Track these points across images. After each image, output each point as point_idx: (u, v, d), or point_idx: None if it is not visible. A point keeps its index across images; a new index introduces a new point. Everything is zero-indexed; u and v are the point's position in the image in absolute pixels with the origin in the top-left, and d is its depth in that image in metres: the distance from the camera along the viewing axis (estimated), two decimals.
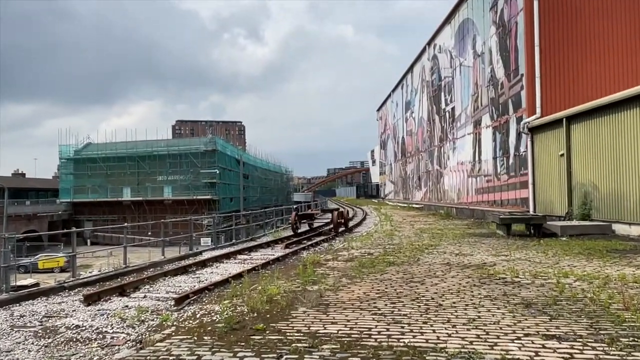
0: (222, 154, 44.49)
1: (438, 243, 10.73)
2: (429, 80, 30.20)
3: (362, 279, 6.58)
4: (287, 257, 9.95)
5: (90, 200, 44.11)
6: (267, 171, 62.52)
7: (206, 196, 41.78)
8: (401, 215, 23.83)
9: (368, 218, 23.56)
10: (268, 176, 61.59)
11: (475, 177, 21.14)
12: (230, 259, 10.40)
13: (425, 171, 31.44)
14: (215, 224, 16.01)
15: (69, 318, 5.70)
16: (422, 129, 32.16)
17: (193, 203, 42.27)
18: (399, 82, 40.50)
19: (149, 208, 43.56)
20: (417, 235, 12.83)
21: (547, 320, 4.47)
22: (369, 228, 17.00)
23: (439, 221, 18.55)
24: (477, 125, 20.88)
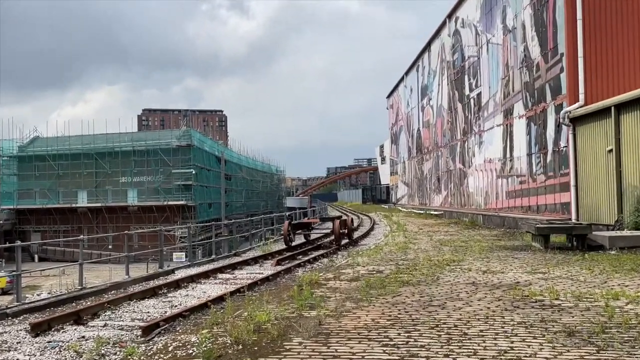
0: (199, 150, 44.56)
1: (462, 258, 10.76)
2: (449, 60, 30.33)
3: (370, 302, 6.59)
4: (279, 276, 9.96)
5: (38, 207, 43.72)
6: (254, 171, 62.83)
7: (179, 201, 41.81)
8: (417, 224, 23.89)
9: (377, 228, 23.58)
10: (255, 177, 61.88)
11: (505, 177, 21.23)
12: (209, 279, 10.40)
13: (445, 171, 31.57)
14: (191, 235, 16.00)
15: (13, 352, 5.59)
16: (442, 119, 32.30)
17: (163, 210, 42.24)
18: (414, 63, 40.59)
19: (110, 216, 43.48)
20: (436, 249, 12.86)
21: (594, 352, 4.44)
22: (377, 240, 17.03)
23: (463, 231, 18.62)
24: (508, 115, 20.98)
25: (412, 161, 42.29)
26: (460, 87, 27.96)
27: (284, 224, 15.99)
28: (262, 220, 20.86)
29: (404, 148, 46.14)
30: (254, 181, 61.96)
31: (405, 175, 45.43)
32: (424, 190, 37.66)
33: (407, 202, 44.20)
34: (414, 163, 41.52)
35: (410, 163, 43.13)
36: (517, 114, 19.97)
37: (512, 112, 20.48)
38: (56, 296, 8.87)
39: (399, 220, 25.41)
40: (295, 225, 16.37)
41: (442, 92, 32.11)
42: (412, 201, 41.95)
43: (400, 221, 24.75)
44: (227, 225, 34.80)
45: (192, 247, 15.43)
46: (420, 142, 39.10)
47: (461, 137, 27.87)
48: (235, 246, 17.76)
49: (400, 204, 46.39)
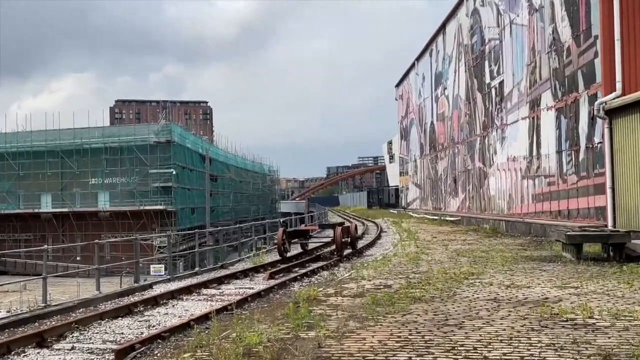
0: (181, 147, 44.62)
1: (482, 270, 10.77)
2: (467, 44, 30.42)
3: (376, 321, 6.61)
4: (272, 292, 9.98)
5: None
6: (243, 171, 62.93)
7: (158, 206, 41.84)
8: (430, 231, 23.93)
9: (384, 236, 23.63)
10: (245, 178, 61.99)
11: (532, 178, 21.27)
12: (192, 295, 10.41)
13: (463, 170, 31.65)
14: (171, 245, 16.01)
15: None
16: (459, 111, 32.37)
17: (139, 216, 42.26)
18: (427, 47, 40.70)
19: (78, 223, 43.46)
20: (452, 260, 12.88)
21: None
22: (385, 250, 17.07)
23: (483, 240, 18.65)
24: (534, 106, 21.03)
25: (424, 160, 42.35)
26: (479, 75, 28.01)
27: (277, 231, 16.01)
28: (252, 227, 20.90)
29: (415, 144, 46.20)
30: (244, 183, 62.01)
31: (417, 176, 45.51)
32: (439, 192, 37.71)
33: (418, 207, 44.24)
34: (426, 162, 41.57)
35: (422, 162, 43.19)
36: (544, 105, 20.02)
37: (539, 103, 20.53)
38: (16, 315, 8.86)
39: (409, 228, 25.44)
40: (290, 234, 16.39)
41: (458, 81, 32.16)
42: (425, 205, 41.99)
43: (411, 228, 24.78)
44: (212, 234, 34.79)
45: (172, 259, 15.45)
46: (433, 138, 39.17)
47: (481, 131, 27.91)
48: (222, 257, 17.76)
49: (411, 208, 46.44)
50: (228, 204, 54.68)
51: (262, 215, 64.04)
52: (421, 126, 43.36)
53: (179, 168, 43.35)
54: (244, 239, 21.79)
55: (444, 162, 36.09)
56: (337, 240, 14.93)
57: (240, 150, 64.67)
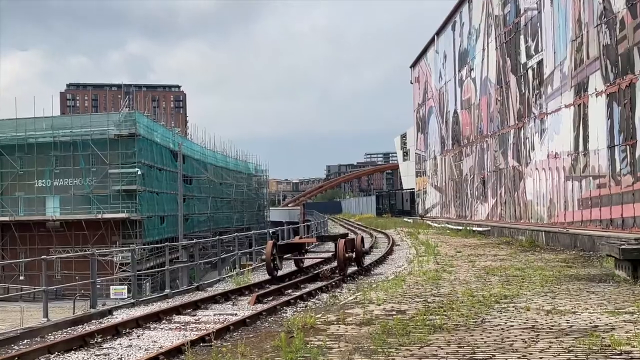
0: (147, 141, 44.72)
1: (516, 293, 10.79)
2: (498, 15, 30.53)
3: (387, 355, 6.61)
4: (260, 319, 10.00)
5: None
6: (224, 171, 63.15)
7: (120, 214, 41.86)
8: (453, 244, 23.98)
9: (397, 250, 23.67)
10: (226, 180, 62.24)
11: (578, 179, 21.34)
12: (161, 323, 10.42)
13: (493, 170, 31.79)
14: (136, 261, 16.01)
15: None
16: (488, 98, 32.50)
17: (97, 226, 42.29)
18: (449, 19, 40.90)
19: (22, 235, 43.44)
20: (480, 280, 12.91)
21: None
22: (398, 267, 17.13)
23: (518, 255, 18.71)
24: (580, 91, 21.10)
25: (446, 157, 42.46)
26: (513, 53, 28.08)
27: (266, 245, 16.02)
28: (235, 240, 20.92)
29: (434, 138, 46.35)
30: (225, 185, 62.10)
31: (437, 177, 45.63)
32: (463, 197, 37.82)
33: (439, 214, 44.31)
34: (449, 159, 41.68)
35: (443, 159, 43.30)
36: (593, 90, 20.07)
37: (586, 88, 20.58)
38: None
39: (428, 240, 25.47)
40: (282, 248, 16.42)
41: (488, 60, 32.25)
42: (447, 213, 42.07)
43: (431, 241, 24.82)
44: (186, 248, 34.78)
45: (137, 278, 15.42)
46: (457, 130, 39.29)
47: (515, 122, 27.99)
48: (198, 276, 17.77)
49: (430, 216, 46.53)
50: (205, 211, 54.75)
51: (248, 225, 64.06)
52: (442, 116, 43.44)
53: (145, 167, 43.37)
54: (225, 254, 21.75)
55: (470, 160, 36.16)
56: (339, 256, 14.95)
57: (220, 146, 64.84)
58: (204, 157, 57.49)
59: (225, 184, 62.03)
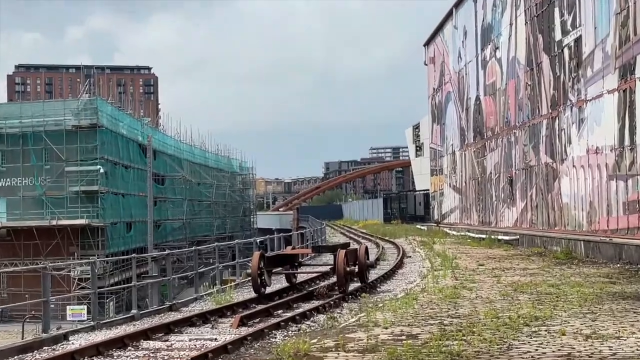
0: (111, 133, 44.72)
1: (549, 314, 10.79)
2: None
3: None
4: (244, 345, 10.00)
5: None
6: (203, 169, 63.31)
7: (78, 220, 41.82)
8: (475, 256, 24.01)
9: (408, 263, 23.69)
10: (205, 179, 62.36)
11: (623, 178, 21.37)
12: (126, 350, 10.41)
13: (523, 167, 31.86)
14: (97, 276, 15.99)
15: None
16: (517, 82, 32.58)
17: (51, 234, 42.23)
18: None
19: None
20: (506, 298, 12.92)
21: None
22: (409, 283, 17.18)
23: (552, 268, 18.74)
24: (626, 73, 21.14)
25: (467, 152, 42.52)
26: (546, 29, 28.09)
27: (252, 257, 16.01)
28: (216, 250, 20.92)
29: (453, 130, 46.45)
30: (203, 186, 62.16)
31: (456, 176, 45.70)
32: (487, 200, 37.91)
33: (458, 220, 44.36)
34: (469, 155, 41.73)
35: (464, 155, 43.36)
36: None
37: (633, 70, 20.61)
38: None
39: (445, 251, 25.49)
40: (271, 260, 16.43)
41: (516, 37, 32.28)
42: (468, 219, 42.11)
43: (448, 252, 24.83)
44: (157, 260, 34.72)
45: (98, 297, 15.40)
46: (480, 121, 39.35)
47: (548, 111, 28.01)
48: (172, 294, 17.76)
49: (448, 223, 46.61)
50: (180, 216, 54.79)
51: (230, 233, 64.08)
52: (462, 103, 43.50)
53: (109, 164, 43.38)
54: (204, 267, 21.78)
55: (495, 156, 36.21)
56: (339, 270, 14.95)
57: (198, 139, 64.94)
58: (179, 153, 57.54)
59: (204, 184, 62.07)
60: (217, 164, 68.27)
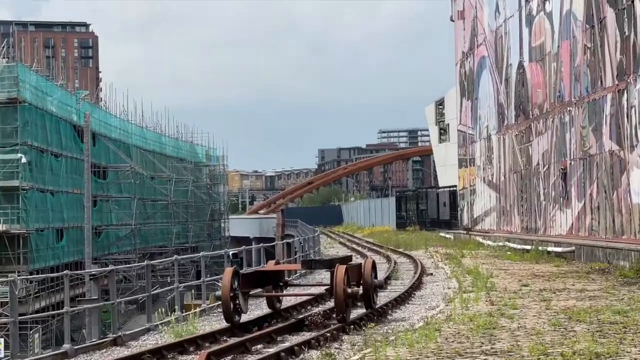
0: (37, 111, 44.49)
1: (615, 350, 10.77)
2: None
3: None
4: None
5: None
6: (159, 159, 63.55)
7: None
8: (517, 273, 23.96)
9: (428, 283, 23.73)
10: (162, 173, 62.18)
11: None
12: None
13: (580, 156, 32.01)
14: (17, 300, 15.89)
15: None
16: (572, 44, 32.66)
17: None
18: None
19: None
20: (557, 329, 12.91)
21: None
22: (429, 308, 17.20)
23: (617, 290, 18.71)
24: None
25: (506, 136, 42.53)
26: None
27: (223, 275, 15.95)
28: (175, 266, 20.86)
29: (489, 107, 46.52)
30: (159, 181, 62.05)
31: (492, 168, 45.74)
32: (533, 199, 37.99)
33: (495, 226, 44.35)
34: (510, 140, 41.74)
35: (502, 140, 43.37)
36: None
37: None
38: None
39: (477, 267, 25.49)
40: (248, 279, 16.38)
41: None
42: (508, 224, 42.12)
43: (482, 268, 24.83)
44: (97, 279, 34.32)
45: (19, 326, 15.31)
46: (524, 94, 39.41)
47: (614, 82, 28.05)
48: (117, 323, 17.66)
49: (482, 229, 46.66)
50: (129, 221, 54.62)
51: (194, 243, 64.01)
52: (500, 72, 43.53)
53: (33, 152, 43.23)
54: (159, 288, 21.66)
55: (543, 141, 36.29)
56: (337, 292, 14.90)
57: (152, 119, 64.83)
58: (127, 137, 57.45)
59: (159, 178, 61.99)
60: (177, 152, 68.21)
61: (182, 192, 65.59)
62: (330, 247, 52.65)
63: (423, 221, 70.21)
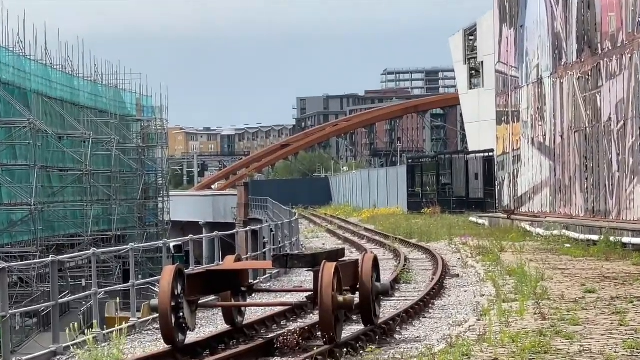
0: None
1: None
2: None
3: None
4: None
5: None
6: (68, 109, 63.50)
7: None
8: (578, 273, 24.21)
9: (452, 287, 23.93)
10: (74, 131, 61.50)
11: None
12: None
13: None
14: None
15: None
16: None
17: None
18: None
19: None
20: (635, 354, 12.89)
21: None
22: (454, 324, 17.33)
23: None
24: None
25: (565, 79, 42.53)
26: None
27: (162, 276, 15.90)
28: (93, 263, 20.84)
29: (540, 39, 46.77)
30: (70, 142, 61.75)
31: (545, 124, 45.81)
32: (602, 169, 38.28)
33: (548, 208, 44.48)
34: (570, 85, 41.76)
35: (559, 85, 43.36)
36: None
37: None
38: None
39: (523, 265, 25.49)
40: (197, 282, 16.32)
41: None
42: (566, 205, 42.26)
43: (528, 267, 24.85)
44: None
45: None
46: (590, 21, 39.58)
47: None
48: (9, 344, 17.62)
49: (529, 212, 46.75)
50: (26, 199, 54.43)
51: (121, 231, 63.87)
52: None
53: None
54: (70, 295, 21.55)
55: (617, 87, 36.46)
56: (323, 301, 14.83)
57: (60, 54, 64.30)
58: (23, 79, 57.09)
59: (71, 138, 61.77)
60: (96, 102, 67.97)
61: (103, 159, 65.41)
62: (314, 237, 52.80)
63: (446, 200, 70.45)
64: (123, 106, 73.01)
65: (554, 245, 34.24)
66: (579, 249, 32.08)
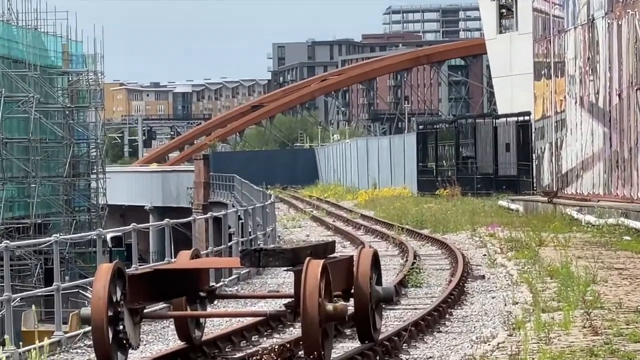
0: None
1: None
2: None
3: None
4: None
5: None
6: None
7: None
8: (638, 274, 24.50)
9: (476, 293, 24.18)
10: None
11: None
12: None
13: None
14: None
15: None
16: None
17: None
18: None
19: None
20: None
21: None
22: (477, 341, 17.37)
23: None
24: None
25: (622, 21, 42.62)
26: None
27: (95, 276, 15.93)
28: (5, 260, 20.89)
29: None
30: None
31: (597, 81, 45.75)
32: None
33: (601, 189, 44.68)
34: (630, 29, 41.80)
35: (616, 29, 43.42)
36: None
37: None
38: None
39: (567, 263, 25.62)
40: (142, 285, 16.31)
41: None
42: (626, 185, 42.34)
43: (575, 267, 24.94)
44: None
45: None
46: None
47: None
48: None
49: (576, 194, 46.96)
50: None
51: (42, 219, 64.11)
52: None
53: None
54: None
55: None
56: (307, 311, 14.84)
57: None
58: None
59: None
60: (9, 48, 68.13)
61: (19, 123, 65.62)
62: (295, 226, 53.01)
63: (468, 179, 70.67)
64: (45, 54, 73.11)
65: (609, 238, 34.33)
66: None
